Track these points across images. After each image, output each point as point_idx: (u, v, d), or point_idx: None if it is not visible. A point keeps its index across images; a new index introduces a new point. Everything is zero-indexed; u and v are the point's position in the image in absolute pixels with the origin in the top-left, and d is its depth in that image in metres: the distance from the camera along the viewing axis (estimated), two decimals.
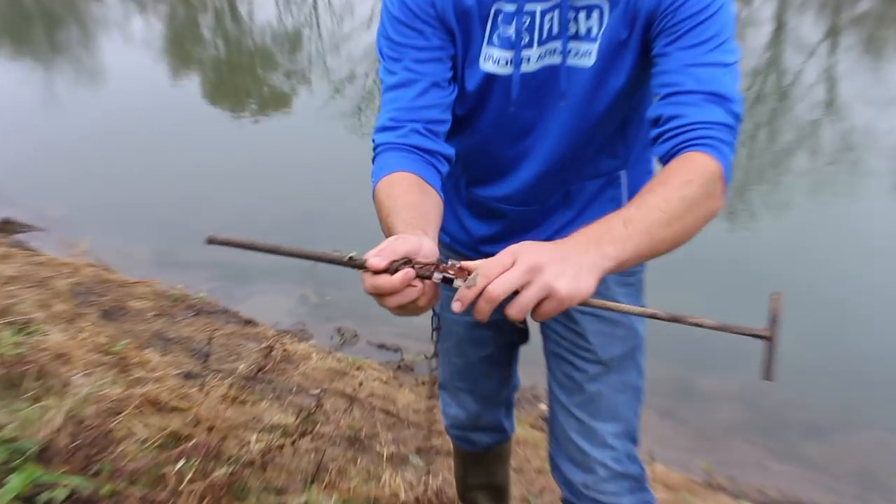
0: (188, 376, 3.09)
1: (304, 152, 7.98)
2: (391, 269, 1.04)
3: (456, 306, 1.05)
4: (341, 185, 6.59)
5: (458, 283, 1.05)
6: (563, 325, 1.69)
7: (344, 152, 7.70)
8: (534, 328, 1.79)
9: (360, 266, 1.05)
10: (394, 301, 1.05)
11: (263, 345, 3.82)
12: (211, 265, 5.44)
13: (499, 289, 1.02)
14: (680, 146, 1.26)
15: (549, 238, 1.57)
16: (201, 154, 7.87)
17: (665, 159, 1.29)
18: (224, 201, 6.66)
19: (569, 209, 1.61)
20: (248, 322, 4.30)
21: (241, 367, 3.27)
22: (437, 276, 1.05)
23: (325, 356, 3.97)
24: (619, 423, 1.68)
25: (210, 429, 2.45)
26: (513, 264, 1.04)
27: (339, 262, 1.06)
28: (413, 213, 1.23)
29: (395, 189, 1.30)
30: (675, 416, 4.17)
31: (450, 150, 1.43)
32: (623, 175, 1.60)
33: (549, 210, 1.61)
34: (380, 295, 1.06)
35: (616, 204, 1.59)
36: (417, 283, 1.05)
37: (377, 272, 1.05)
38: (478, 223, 1.70)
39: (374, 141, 1.42)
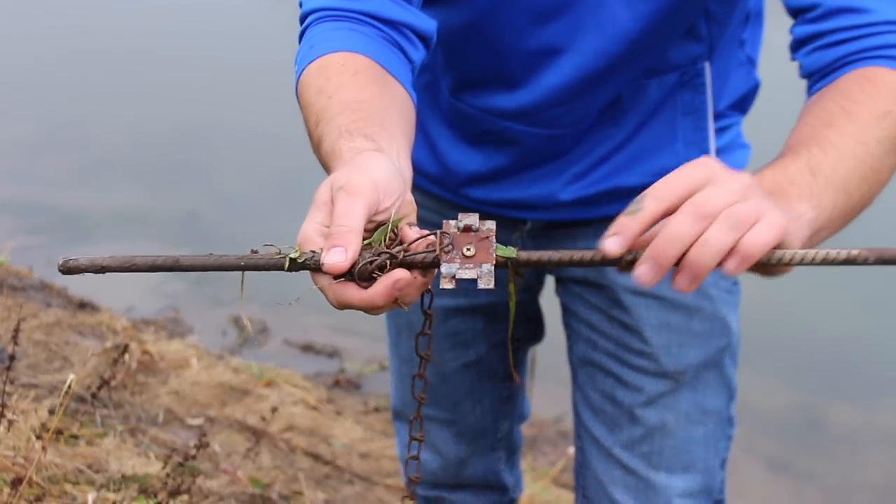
0: None
1: (177, 18, 7.74)
2: (360, 268, 0.89)
3: (614, 245, 0.90)
4: (242, 81, 6.21)
5: (464, 271, 0.90)
6: (603, 312, 1.56)
7: (246, 25, 7.28)
8: (553, 318, 1.67)
9: (314, 269, 0.91)
10: (381, 312, 0.93)
11: (109, 343, 3.51)
12: (17, 209, 5.07)
13: (710, 204, 0.88)
14: (854, 57, 1.14)
15: (581, 177, 1.49)
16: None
17: (824, 74, 1.17)
18: (35, 103, 6.26)
19: (617, 125, 1.46)
20: (84, 305, 4.01)
21: (71, 379, 2.90)
22: (447, 269, 0.90)
23: (212, 363, 3.69)
24: (693, 474, 1.58)
25: (16, 483, 2.16)
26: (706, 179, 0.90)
27: (274, 268, 0.92)
28: (356, 115, 1.04)
29: (333, 79, 1.11)
30: (794, 469, 3.62)
31: (428, 25, 1.25)
32: (707, 69, 1.44)
33: (586, 129, 1.46)
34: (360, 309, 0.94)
35: (697, 118, 1.46)
36: (403, 271, 0.91)
37: (338, 276, 0.90)
38: (465, 152, 1.55)
39: (301, 6, 1.25)
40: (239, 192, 5.57)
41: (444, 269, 0.92)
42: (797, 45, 1.22)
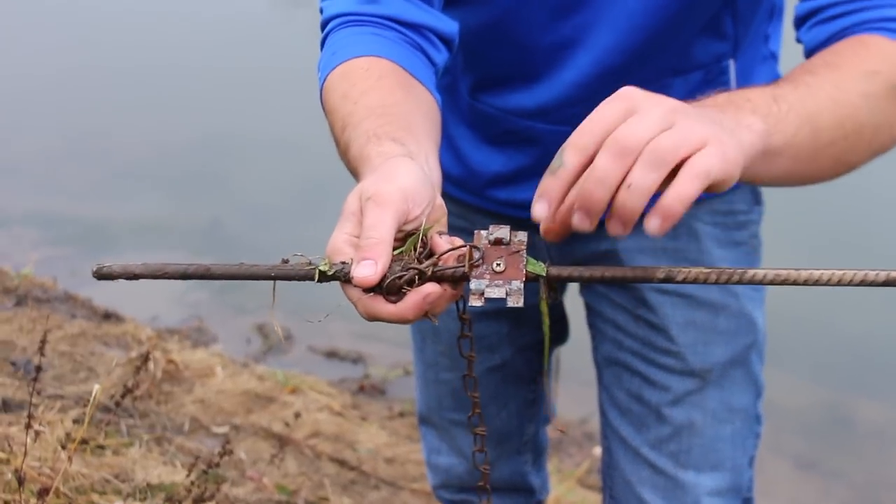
0: (5, 406, 2.80)
1: (198, 28, 7.70)
2: (389, 283, 0.87)
3: (541, 210, 0.86)
4: (263, 90, 6.23)
5: (493, 289, 0.88)
6: (629, 312, 1.53)
7: (266, 35, 7.29)
8: (578, 320, 1.64)
9: (344, 281, 0.90)
10: (411, 323, 0.91)
11: (134, 353, 3.51)
12: (40, 221, 5.03)
13: (631, 138, 0.82)
14: (852, 30, 1.12)
15: None
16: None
17: (823, 47, 1.14)
18: (56, 115, 6.32)
19: None
20: (108, 316, 4.01)
21: (97, 389, 2.84)
22: (476, 285, 0.88)
23: (237, 371, 3.68)
24: (722, 472, 1.55)
25: (43, 493, 2.11)
26: (627, 111, 0.85)
27: (304, 279, 0.91)
28: (383, 119, 1.03)
29: (358, 84, 1.11)
30: (822, 467, 3.57)
31: (450, 27, 1.25)
32: (731, 66, 1.41)
33: None
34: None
35: None
36: (433, 285, 0.89)
37: (369, 289, 0.89)
38: (487, 153, 1.52)
39: (322, 12, 1.25)
40: (261, 201, 5.55)
41: (472, 285, 0.89)
42: (799, 23, 1.21)
